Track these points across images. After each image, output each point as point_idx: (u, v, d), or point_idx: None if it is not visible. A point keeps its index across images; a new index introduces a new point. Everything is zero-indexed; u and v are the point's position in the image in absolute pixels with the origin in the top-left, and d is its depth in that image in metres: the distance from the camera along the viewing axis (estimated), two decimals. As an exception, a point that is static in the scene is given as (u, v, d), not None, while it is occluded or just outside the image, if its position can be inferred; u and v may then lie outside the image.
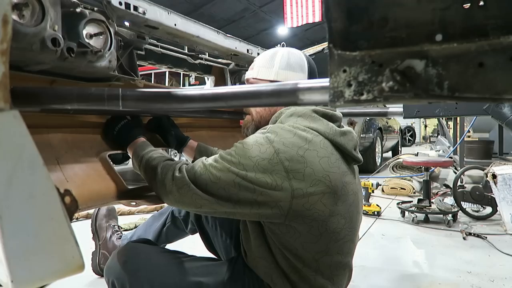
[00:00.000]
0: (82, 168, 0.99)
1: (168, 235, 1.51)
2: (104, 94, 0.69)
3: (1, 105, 0.40)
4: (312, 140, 0.89)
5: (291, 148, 0.85)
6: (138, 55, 1.31)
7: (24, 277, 0.38)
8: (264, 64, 1.07)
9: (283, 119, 0.98)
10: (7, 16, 0.39)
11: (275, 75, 1.05)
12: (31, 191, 0.41)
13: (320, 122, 0.95)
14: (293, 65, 1.05)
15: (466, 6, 0.35)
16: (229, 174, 0.84)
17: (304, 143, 0.87)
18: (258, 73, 1.07)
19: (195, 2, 10.83)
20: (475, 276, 1.88)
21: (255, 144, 0.87)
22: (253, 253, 0.98)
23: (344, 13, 0.40)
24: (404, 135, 11.11)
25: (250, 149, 0.86)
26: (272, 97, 0.59)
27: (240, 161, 0.85)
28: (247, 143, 0.88)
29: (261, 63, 1.08)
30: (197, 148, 1.27)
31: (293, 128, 0.90)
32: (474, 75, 0.36)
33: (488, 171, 2.82)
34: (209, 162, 0.88)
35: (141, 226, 1.61)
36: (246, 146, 0.87)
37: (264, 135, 0.89)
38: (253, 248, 0.98)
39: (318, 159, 0.87)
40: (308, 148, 0.87)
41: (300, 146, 0.86)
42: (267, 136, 0.88)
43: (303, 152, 0.85)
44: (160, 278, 1.00)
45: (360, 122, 4.93)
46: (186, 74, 6.65)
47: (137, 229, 1.63)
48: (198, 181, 0.86)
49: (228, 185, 0.84)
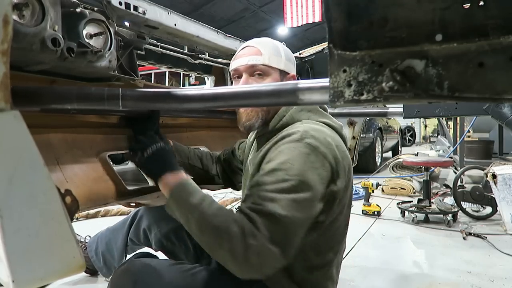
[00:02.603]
0: (82, 168, 0.99)
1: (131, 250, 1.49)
2: (104, 94, 0.69)
3: (2, 105, 0.40)
4: (333, 136, 0.93)
5: (331, 148, 0.87)
6: (138, 55, 1.31)
7: (25, 276, 0.39)
8: (273, 52, 1.01)
9: (294, 113, 0.98)
10: (8, 17, 0.39)
11: (284, 65, 1.02)
12: (31, 191, 0.41)
13: (327, 116, 1.00)
14: (292, 59, 1.06)
15: (466, 6, 0.35)
16: (299, 203, 0.77)
17: (332, 140, 0.89)
18: (270, 60, 0.99)
19: (195, 2, 10.83)
20: (475, 276, 1.88)
21: (301, 156, 0.82)
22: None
23: (344, 13, 0.40)
24: (404, 135, 11.10)
25: (301, 163, 0.81)
26: (272, 97, 0.59)
27: (301, 180, 0.79)
28: (293, 158, 0.81)
29: (270, 51, 1.01)
30: (174, 147, 1.23)
31: (320, 127, 0.92)
32: (474, 75, 0.36)
33: (488, 171, 2.82)
34: (273, 210, 0.74)
35: (101, 239, 1.57)
36: (294, 161, 0.81)
37: (302, 142, 0.84)
38: None
39: (344, 153, 0.92)
40: (337, 144, 0.90)
41: (335, 144, 0.89)
42: (308, 143, 0.84)
43: (336, 148, 0.88)
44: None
45: (360, 122, 4.93)
46: (186, 74, 6.65)
47: (99, 241, 1.58)
48: (277, 236, 0.73)
49: (304, 213, 0.78)
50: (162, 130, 1.23)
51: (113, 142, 1.14)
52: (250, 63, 0.99)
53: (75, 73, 0.94)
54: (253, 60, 0.99)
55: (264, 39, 1.06)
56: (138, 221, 1.40)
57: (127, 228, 1.43)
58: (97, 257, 1.58)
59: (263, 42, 1.04)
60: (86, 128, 1.07)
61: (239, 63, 1.01)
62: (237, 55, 1.05)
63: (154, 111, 1.16)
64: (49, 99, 0.70)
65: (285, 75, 1.03)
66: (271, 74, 1.00)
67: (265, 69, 0.99)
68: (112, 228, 1.54)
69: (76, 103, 0.70)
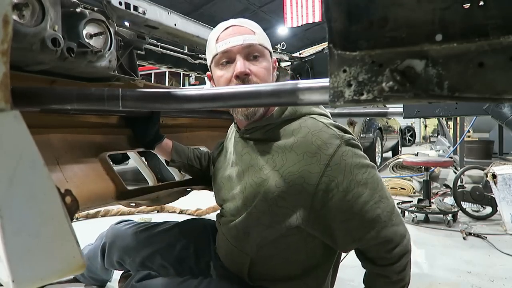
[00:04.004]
0: (81, 168, 0.99)
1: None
2: (104, 94, 0.69)
3: (2, 105, 0.40)
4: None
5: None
6: (138, 55, 1.31)
7: (25, 276, 0.39)
8: (262, 32, 0.93)
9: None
10: (8, 17, 0.39)
11: (270, 48, 0.95)
12: (32, 191, 0.41)
13: (322, 108, 0.98)
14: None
15: (466, 6, 0.35)
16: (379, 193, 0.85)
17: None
18: (264, 40, 0.91)
19: (195, 2, 10.83)
20: (475, 276, 1.88)
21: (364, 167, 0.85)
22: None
23: (344, 13, 0.40)
24: (404, 135, 11.10)
25: (377, 182, 0.85)
26: (272, 97, 0.59)
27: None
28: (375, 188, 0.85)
29: (259, 31, 0.92)
30: (173, 147, 1.22)
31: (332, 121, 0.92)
32: (474, 75, 0.36)
33: (488, 171, 2.82)
34: (378, 202, 0.84)
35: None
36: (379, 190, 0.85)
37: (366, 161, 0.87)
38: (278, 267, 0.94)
39: None
40: None
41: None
42: (369, 164, 0.87)
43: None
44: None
45: (360, 122, 4.93)
46: (186, 74, 6.65)
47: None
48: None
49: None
50: (162, 130, 1.23)
51: (113, 142, 1.14)
52: (246, 42, 0.86)
53: (75, 73, 0.94)
54: (249, 39, 0.86)
55: (244, 19, 0.93)
56: (108, 253, 1.29)
57: (101, 259, 1.33)
58: (83, 277, 1.53)
59: (247, 21, 0.92)
60: (86, 128, 1.07)
61: (231, 43, 0.85)
62: (221, 36, 0.89)
63: (155, 111, 1.16)
64: (49, 99, 0.70)
65: (271, 58, 0.95)
66: (266, 56, 0.91)
67: (261, 49, 0.89)
68: (87, 255, 1.39)
69: (76, 103, 0.70)
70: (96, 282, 1.52)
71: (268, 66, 0.91)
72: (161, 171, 3.15)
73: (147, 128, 1.16)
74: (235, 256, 0.97)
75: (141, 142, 1.20)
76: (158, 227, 1.25)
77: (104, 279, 1.49)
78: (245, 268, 0.95)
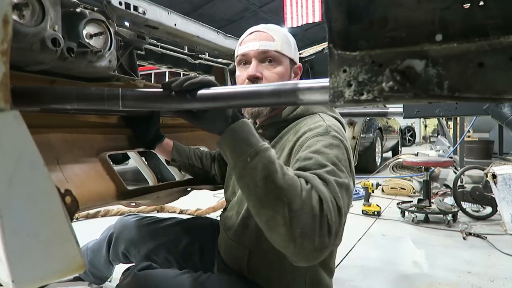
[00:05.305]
0: (82, 168, 0.99)
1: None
2: (104, 94, 0.69)
3: (2, 105, 0.40)
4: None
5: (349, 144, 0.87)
6: (138, 55, 1.31)
7: (25, 276, 0.39)
8: (284, 39, 0.97)
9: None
10: (8, 17, 0.39)
11: (293, 54, 0.99)
12: (31, 191, 0.41)
13: (335, 111, 0.99)
14: (297, 49, 1.03)
15: (466, 6, 0.35)
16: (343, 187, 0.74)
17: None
18: (282, 47, 0.95)
19: (195, 2, 10.83)
20: (475, 276, 1.88)
21: (331, 146, 0.80)
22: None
23: (344, 13, 0.40)
24: (404, 135, 11.10)
25: (336, 152, 0.79)
26: (272, 97, 0.59)
27: (338, 166, 0.76)
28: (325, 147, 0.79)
29: (281, 38, 0.97)
30: (174, 146, 1.23)
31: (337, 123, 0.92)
32: (474, 75, 0.36)
33: (488, 171, 2.82)
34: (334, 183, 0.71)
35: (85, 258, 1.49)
36: (326, 151, 0.79)
37: (329, 135, 0.83)
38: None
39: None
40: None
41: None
42: (335, 136, 0.83)
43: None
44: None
45: (360, 122, 4.93)
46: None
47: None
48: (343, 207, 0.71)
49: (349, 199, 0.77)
50: (162, 130, 1.23)
51: (113, 142, 1.14)
52: (262, 48, 0.93)
53: (75, 73, 0.94)
54: (265, 45, 0.94)
55: (273, 25, 1.00)
56: (115, 244, 1.31)
57: (106, 251, 1.35)
58: (85, 274, 1.52)
59: (273, 28, 0.99)
60: (86, 128, 1.07)
61: (249, 47, 0.94)
62: (245, 40, 0.98)
63: (155, 111, 1.16)
64: (49, 99, 0.70)
65: (294, 65, 1.00)
66: (283, 62, 0.96)
67: (277, 56, 0.95)
68: (91, 248, 1.41)
69: (76, 103, 0.70)
70: (96, 279, 1.52)
71: (283, 72, 0.96)
72: (161, 171, 3.15)
73: (147, 128, 1.17)
74: (234, 250, 0.99)
75: (142, 141, 1.21)
76: (166, 222, 1.28)
77: (105, 275, 1.49)
78: (244, 261, 0.96)
